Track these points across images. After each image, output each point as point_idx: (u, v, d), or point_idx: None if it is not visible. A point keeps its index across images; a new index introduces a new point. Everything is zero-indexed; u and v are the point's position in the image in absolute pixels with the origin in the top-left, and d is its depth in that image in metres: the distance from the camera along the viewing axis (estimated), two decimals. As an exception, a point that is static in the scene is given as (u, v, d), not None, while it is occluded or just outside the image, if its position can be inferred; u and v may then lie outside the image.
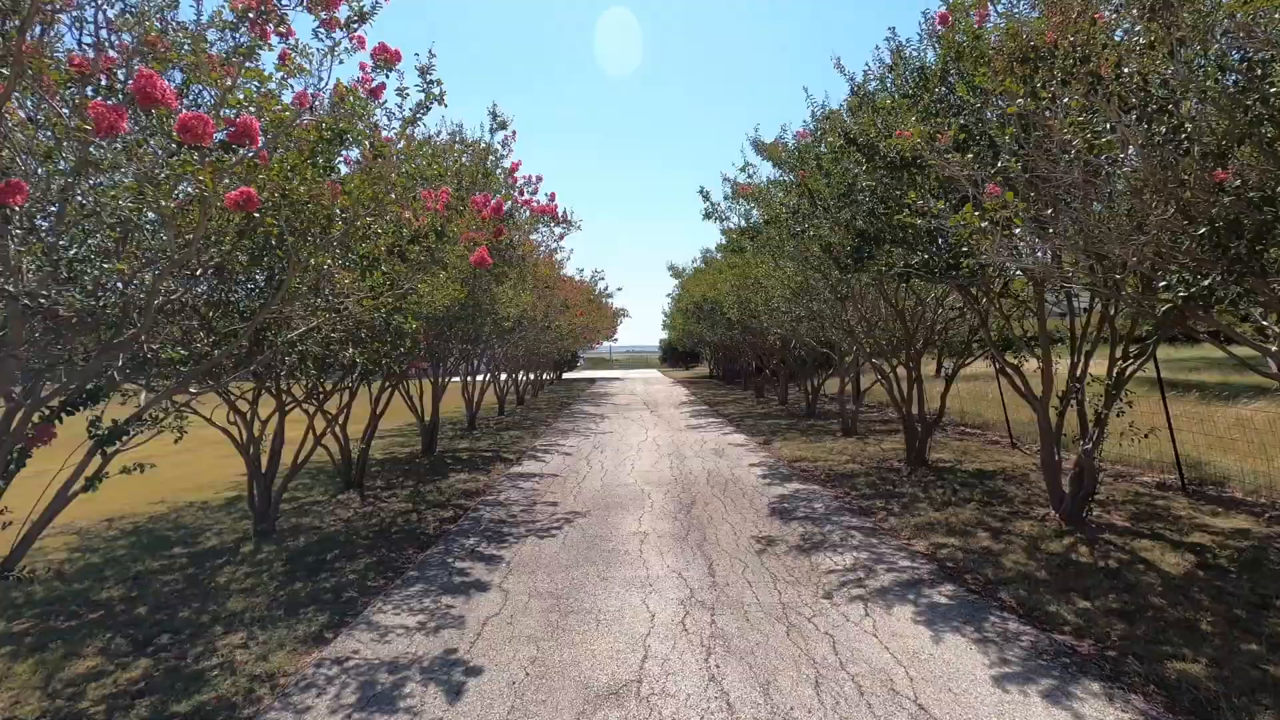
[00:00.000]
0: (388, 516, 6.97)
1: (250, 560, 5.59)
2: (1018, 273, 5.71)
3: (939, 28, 4.27)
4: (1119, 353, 5.98)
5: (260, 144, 2.66)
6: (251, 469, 6.42)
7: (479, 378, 15.22)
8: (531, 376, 23.62)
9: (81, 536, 6.55)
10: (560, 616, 4.15)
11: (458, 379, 14.56)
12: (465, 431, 14.00)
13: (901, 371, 9.49)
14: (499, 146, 7.49)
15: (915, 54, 5.19)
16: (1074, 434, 6.55)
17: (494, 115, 6.42)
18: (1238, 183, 2.84)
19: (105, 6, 3.06)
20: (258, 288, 4.88)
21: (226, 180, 2.96)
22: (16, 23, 2.73)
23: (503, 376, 18.58)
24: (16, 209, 2.42)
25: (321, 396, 7.25)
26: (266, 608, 4.50)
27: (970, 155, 3.96)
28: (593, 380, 37.21)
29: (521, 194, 8.67)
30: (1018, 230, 3.25)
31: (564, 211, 9.35)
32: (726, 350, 26.49)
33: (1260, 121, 2.79)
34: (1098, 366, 6.22)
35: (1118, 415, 5.89)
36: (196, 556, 5.78)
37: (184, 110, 3.11)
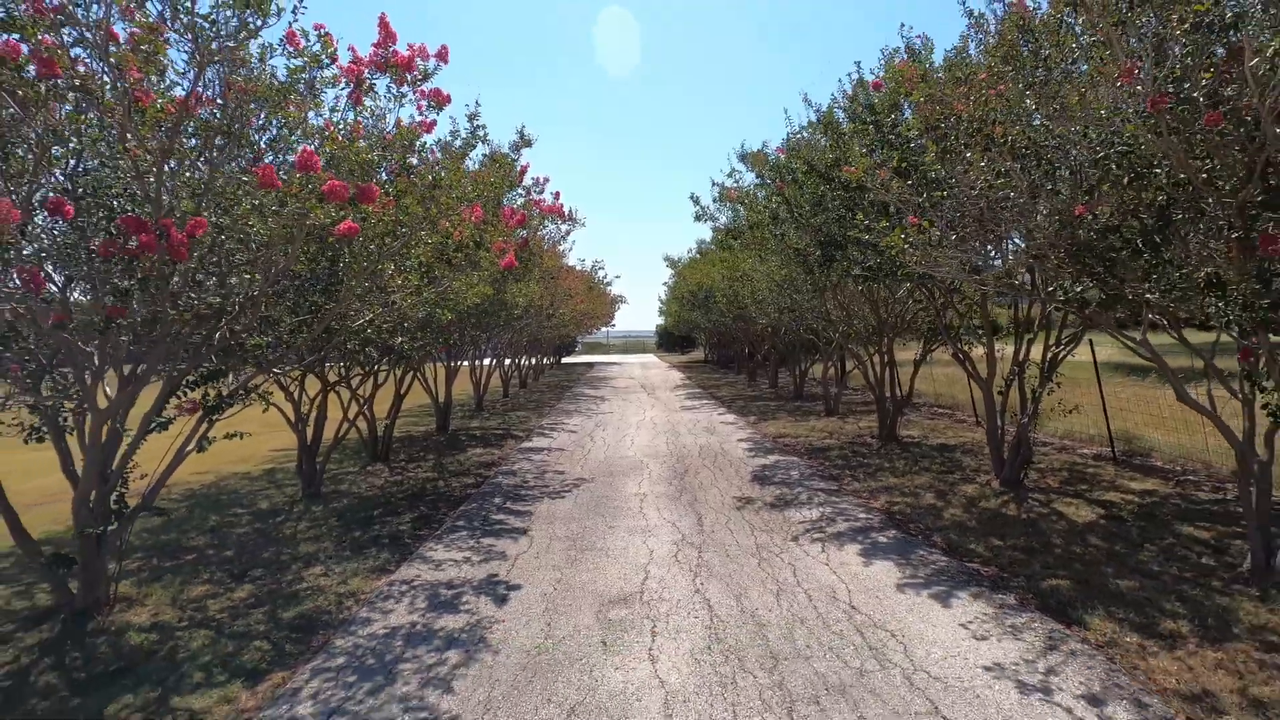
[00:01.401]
0: (417, 483, 7.96)
1: (307, 517, 6.56)
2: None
3: (875, 91, 5.20)
4: (1052, 340, 6.97)
5: (376, 198, 3.59)
6: (301, 442, 7.40)
7: (486, 362, 16.20)
8: (533, 361, 24.58)
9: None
10: (577, 552, 5.16)
11: (465, 363, 15.51)
12: (474, 412, 14.98)
13: (877, 357, 10.49)
14: (512, 154, 8.37)
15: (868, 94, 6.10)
16: (1015, 411, 7.56)
17: (521, 134, 7.31)
18: (1090, 216, 3.81)
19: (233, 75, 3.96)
20: (319, 285, 5.81)
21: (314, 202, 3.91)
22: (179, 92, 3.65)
23: (506, 361, 19.54)
24: (197, 237, 3.34)
25: (359, 379, 8.23)
26: (334, 550, 5.49)
27: (909, 182, 4.92)
28: (591, 365, 38.18)
29: (529, 194, 9.58)
30: (933, 251, 4.22)
31: (569, 210, 10.24)
32: (720, 336, 27.46)
33: (1110, 173, 3.76)
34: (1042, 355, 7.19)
35: (1048, 394, 6.90)
36: (259, 514, 6.75)
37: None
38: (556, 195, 10.22)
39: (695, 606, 4.10)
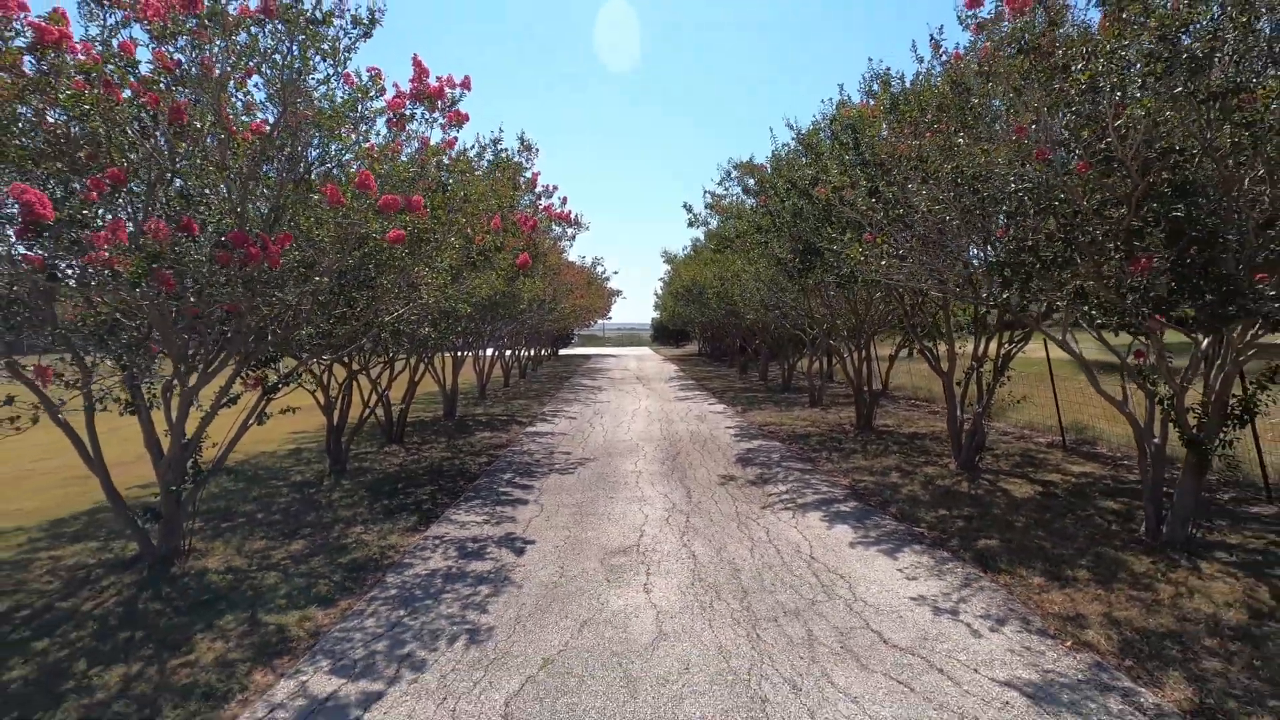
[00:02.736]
0: (433, 461, 8.76)
1: (338, 489, 7.36)
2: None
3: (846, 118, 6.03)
4: (1005, 338, 7.83)
5: (421, 208, 4.38)
6: (329, 423, 8.19)
7: (488, 352, 16.97)
8: (532, 352, 25.35)
9: (194, 473, 8.28)
10: (582, 516, 5.99)
11: (468, 355, 16.28)
12: (478, 400, 15.78)
13: (857, 353, 11.33)
14: (523, 161, 9.15)
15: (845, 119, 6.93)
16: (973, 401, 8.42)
17: (522, 140, 8.12)
18: (1008, 236, 4.64)
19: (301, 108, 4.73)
20: (355, 282, 6.59)
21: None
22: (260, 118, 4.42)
23: (507, 352, 20.31)
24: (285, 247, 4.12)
25: (380, 367, 9.02)
26: (369, 514, 6.30)
27: (874, 200, 5.74)
28: (588, 356, 38.98)
29: (540, 200, 10.37)
30: (884, 262, 5.03)
31: (575, 216, 11.03)
32: (714, 330, 28.27)
33: (1022, 203, 4.58)
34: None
35: (1000, 386, 7.76)
36: (294, 486, 7.54)
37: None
38: (564, 201, 11.00)
39: (682, 556, 4.94)
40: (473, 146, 6.39)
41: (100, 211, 3.91)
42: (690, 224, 12.16)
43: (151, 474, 7.87)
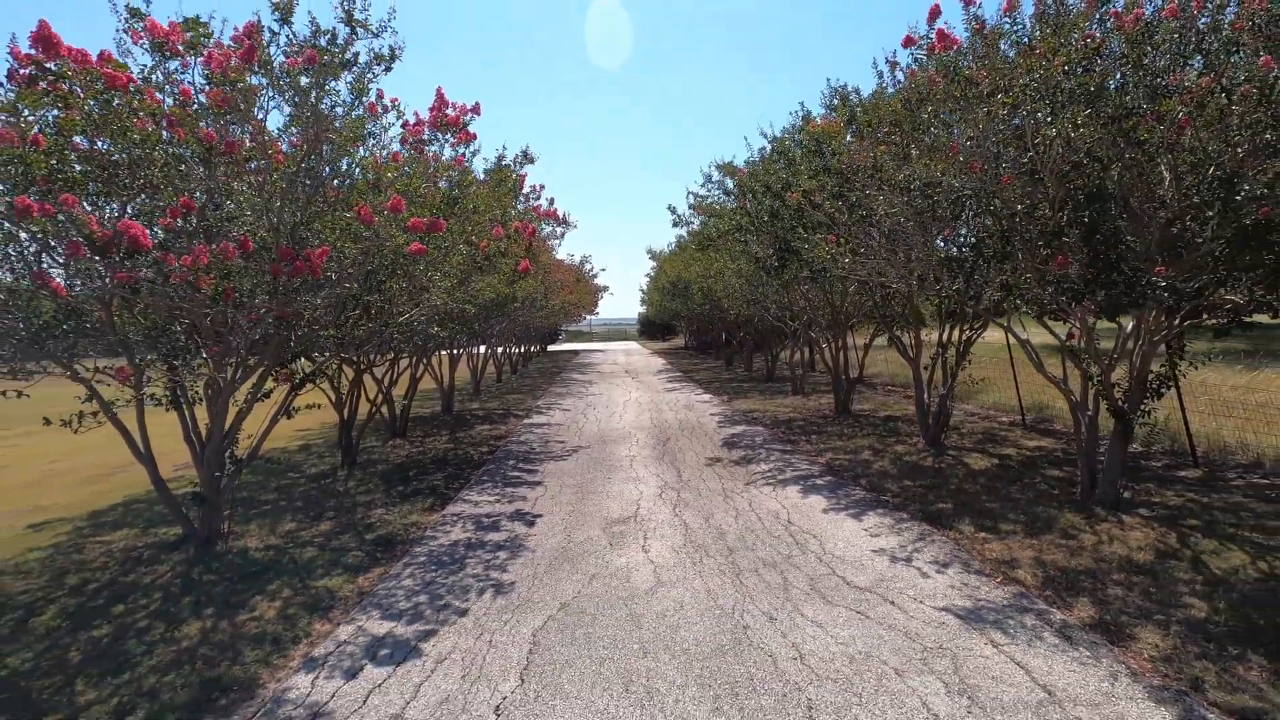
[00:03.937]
0: (439, 452, 9.34)
1: (353, 478, 7.91)
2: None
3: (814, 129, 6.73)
4: (966, 326, 8.53)
5: (444, 229, 4.97)
6: (340, 418, 8.73)
7: (481, 349, 17.52)
8: (522, 349, 25.89)
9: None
10: (583, 495, 6.62)
11: (461, 353, 16.81)
12: (474, 395, 16.33)
13: (835, 343, 12.03)
14: (514, 167, 9.69)
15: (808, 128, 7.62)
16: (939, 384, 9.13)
17: (525, 153, 8.65)
18: (957, 236, 5.31)
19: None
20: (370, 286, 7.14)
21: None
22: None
23: (499, 349, 20.85)
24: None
25: (387, 365, 9.57)
26: (386, 499, 6.87)
27: (840, 202, 6.40)
28: (576, 352, 39.55)
29: (528, 200, 10.92)
30: (848, 260, 5.69)
31: (563, 214, 11.61)
32: (699, 324, 28.95)
33: (965, 206, 5.25)
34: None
35: (962, 369, 8.47)
36: (311, 477, 8.08)
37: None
38: (551, 201, 11.57)
39: (675, 524, 5.59)
40: (465, 154, 6.93)
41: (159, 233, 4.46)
42: (674, 224, 12.79)
43: (169, 469, 8.41)
